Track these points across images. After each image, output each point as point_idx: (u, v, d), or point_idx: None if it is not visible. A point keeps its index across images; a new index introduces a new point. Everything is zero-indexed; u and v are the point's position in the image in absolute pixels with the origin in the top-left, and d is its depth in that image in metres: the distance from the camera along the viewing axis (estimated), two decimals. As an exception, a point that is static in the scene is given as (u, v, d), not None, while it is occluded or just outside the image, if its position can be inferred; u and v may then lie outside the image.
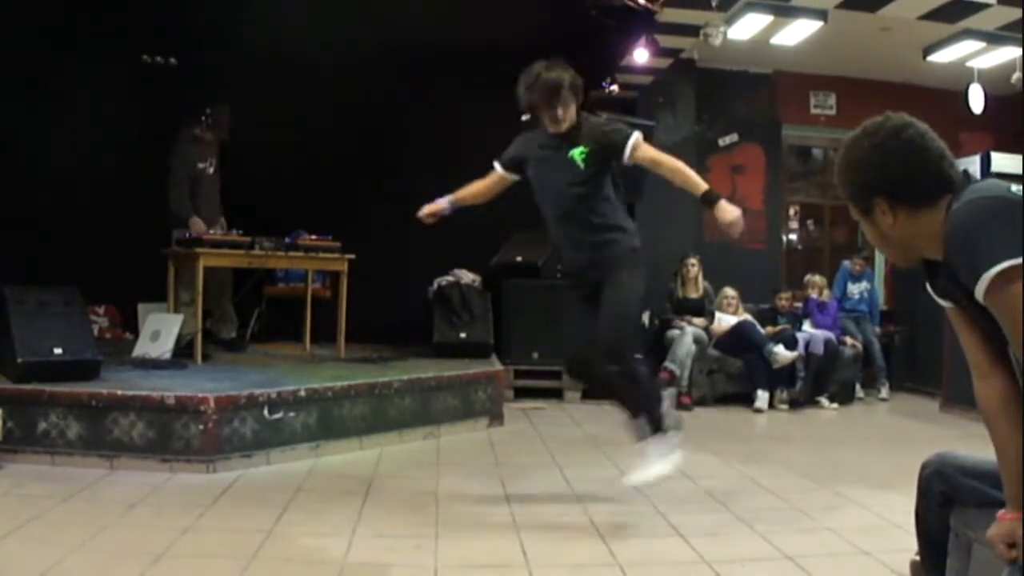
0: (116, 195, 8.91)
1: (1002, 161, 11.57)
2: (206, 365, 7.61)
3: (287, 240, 8.24)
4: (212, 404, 5.75)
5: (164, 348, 7.45)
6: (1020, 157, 11.69)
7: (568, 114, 5.24)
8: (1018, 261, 2.14)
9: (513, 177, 5.58)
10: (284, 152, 9.23)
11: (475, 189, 5.76)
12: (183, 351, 7.63)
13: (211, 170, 8.66)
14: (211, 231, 8.20)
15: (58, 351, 6.14)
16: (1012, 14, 8.50)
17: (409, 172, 9.78)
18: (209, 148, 8.67)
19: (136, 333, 8.30)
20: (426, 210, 5.87)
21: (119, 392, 5.83)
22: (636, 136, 5.21)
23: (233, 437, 5.88)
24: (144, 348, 7.54)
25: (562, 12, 8.70)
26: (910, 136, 2.44)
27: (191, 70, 9.39)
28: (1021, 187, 2.41)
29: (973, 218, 2.27)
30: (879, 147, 2.46)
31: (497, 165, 5.61)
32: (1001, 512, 2.31)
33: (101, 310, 9.48)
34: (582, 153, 5.19)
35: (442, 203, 5.83)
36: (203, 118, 8.49)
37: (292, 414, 6.24)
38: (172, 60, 9.67)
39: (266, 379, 6.71)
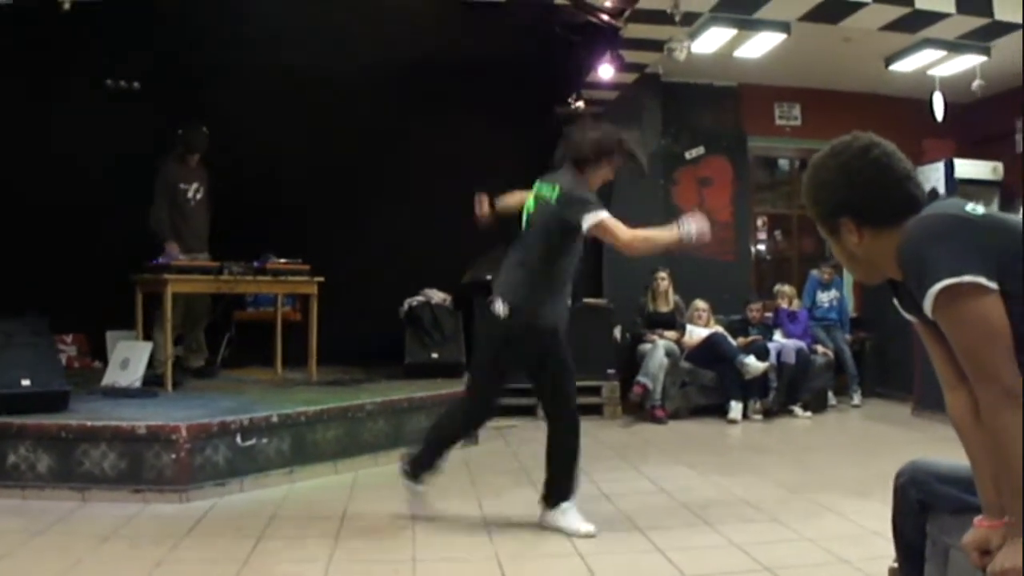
0: (82, 222, 8.85)
1: (965, 167, 11.70)
2: (177, 393, 7.54)
3: (256, 264, 8.20)
4: (184, 432, 5.70)
5: (134, 376, 7.37)
6: (982, 163, 11.83)
7: None
8: (957, 280, 2.17)
9: None
10: (252, 174, 9.18)
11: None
12: (153, 379, 7.58)
13: (197, 195, 8.67)
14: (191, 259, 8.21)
15: (26, 382, 6.07)
16: (971, 23, 8.59)
17: (377, 193, 9.77)
18: (194, 172, 8.68)
19: (105, 361, 8.22)
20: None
21: (89, 423, 5.77)
22: None
23: (206, 465, 5.83)
24: (114, 377, 7.46)
25: (527, 30, 8.71)
26: (876, 156, 2.46)
27: (159, 94, 9.33)
28: (983, 204, 2.43)
29: (919, 236, 2.30)
30: (845, 167, 2.48)
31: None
32: (978, 519, 2.31)
33: (69, 339, 9.42)
34: None
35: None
36: (177, 138, 8.50)
37: (265, 440, 6.19)
38: (136, 84, 9.61)
39: (238, 405, 6.66)
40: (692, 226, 4.94)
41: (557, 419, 5.27)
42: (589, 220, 4.98)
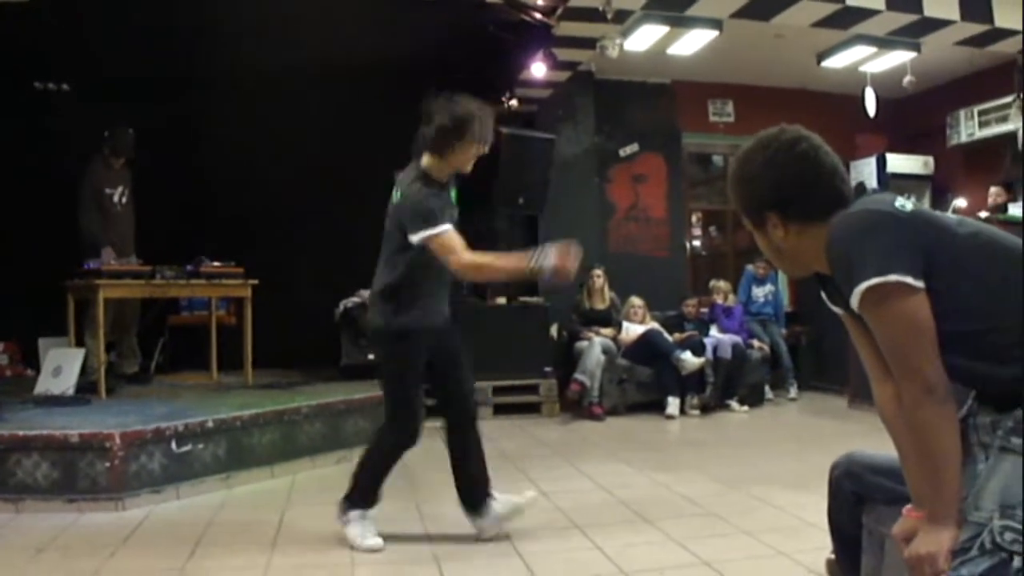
0: (11, 227, 8.73)
1: (897, 161, 11.87)
2: (111, 399, 7.44)
3: (189, 268, 8.10)
4: (118, 440, 5.62)
5: (67, 384, 7.27)
6: (914, 157, 12.01)
7: None
8: (884, 279, 2.21)
9: None
10: (184, 177, 9.10)
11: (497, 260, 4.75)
12: (86, 386, 7.47)
13: (123, 199, 8.53)
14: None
15: (-45, 393, 5.98)
16: (901, 19, 8.71)
17: (310, 194, 9.70)
18: (119, 176, 8.56)
19: (37, 369, 8.09)
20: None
21: (21, 432, 5.67)
22: None
23: (141, 473, 5.75)
24: (46, 384, 7.34)
25: (459, 29, 8.70)
26: (803, 151, 2.46)
27: (89, 96, 9.21)
28: (911, 199, 2.46)
29: (846, 232, 2.33)
30: (771, 162, 2.48)
31: (450, 227, 4.62)
32: (906, 508, 2.34)
33: (0, 347, 9.26)
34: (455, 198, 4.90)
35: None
36: (102, 141, 8.38)
37: (201, 446, 6.12)
38: (64, 86, 9.49)
39: (173, 411, 6.57)
40: (549, 259, 4.44)
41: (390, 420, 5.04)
42: (423, 235, 4.57)
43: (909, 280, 2.20)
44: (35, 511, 5.49)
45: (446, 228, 4.60)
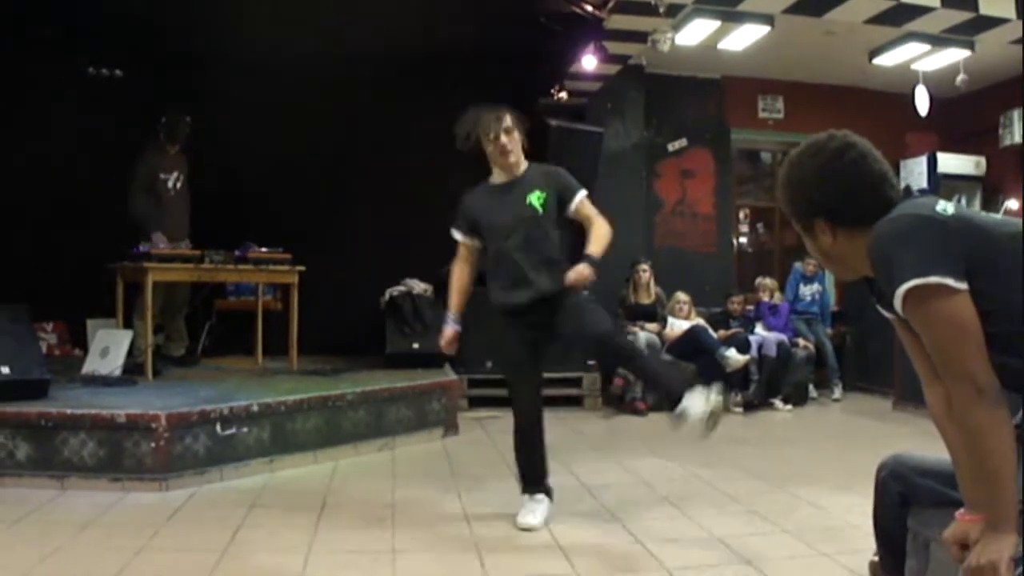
0: (63, 210, 8.84)
1: (948, 161, 11.73)
2: (157, 381, 7.52)
3: (237, 253, 8.16)
4: (164, 421, 5.67)
5: (114, 365, 7.35)
6: (965, 157, 11.86)
7: (517, 147, 5.29)
8: (924, 280, 2.20)
9: (476, 243, 5.38)
10: (234, 164, 9.14)
11: (462, 284, 5.51)
12: (133, 367, 7.54)
13: (177, 185, 8.59)
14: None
15: (5, 370, 6.04)
16: (956, 17, 8.60)
17: (359, 183, 9.74)
18: (174, 162, 8.61)
19: (85, 350, 8.18)
20: (446, 342, 5.56)
21: (68, 411, 5.73)
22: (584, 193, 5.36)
23: (186, 454, 5.80)
24: (94, 365, 7.43)
25: (511, 20, 8.70)
26: (852, 158, 2.45)
27: (142, 83, 9.30)
28: (954, 202, 2.45)
29: (887, 237, 2.32)
30: (821, 169, 2.48)
31: (457, 235, 5.42)
32: (960, 512, 2.31)
33: (49, 327, 9.35)
34: (539, 198, 5.20)
35: (453, 328, 5.50)
36: (158, 127, 8.44)
37: (245, 429, 6.16)
38: (118, 72, 9.58)
39: (218, 394, 6.63)
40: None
41: None
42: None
43: (950, 281, 2.19)
44: (80, 489, 5.56)
45: (456, 236, 5.45)
